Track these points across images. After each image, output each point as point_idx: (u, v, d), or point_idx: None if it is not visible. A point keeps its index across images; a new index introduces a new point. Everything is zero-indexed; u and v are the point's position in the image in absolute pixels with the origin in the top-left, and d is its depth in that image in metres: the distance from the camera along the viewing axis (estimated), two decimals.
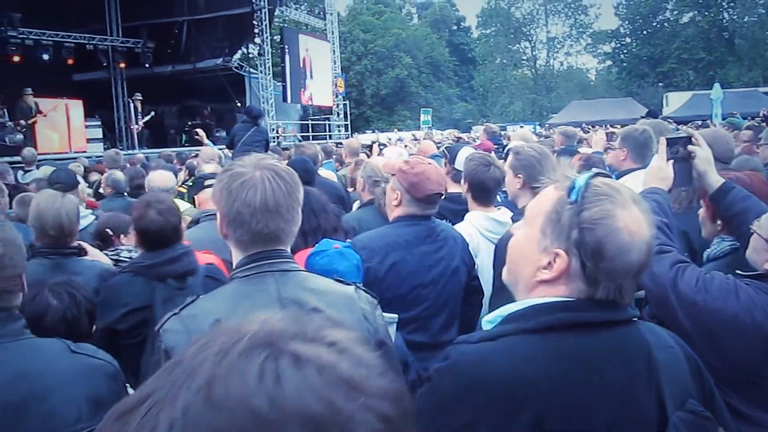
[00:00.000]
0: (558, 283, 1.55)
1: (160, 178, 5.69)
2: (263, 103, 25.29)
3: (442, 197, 3.48)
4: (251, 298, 1.93)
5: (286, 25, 29.36)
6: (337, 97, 31.00)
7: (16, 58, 20.80)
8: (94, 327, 2.67)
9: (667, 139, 2.73)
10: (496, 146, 8.17)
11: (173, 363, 0.68)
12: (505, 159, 3.98)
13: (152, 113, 21.84)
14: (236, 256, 2.04)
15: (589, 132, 17.62)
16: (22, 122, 17.36)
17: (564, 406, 1.43)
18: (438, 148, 8.33)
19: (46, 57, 21.61)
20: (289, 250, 2.06)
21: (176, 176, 7.44)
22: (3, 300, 1.80)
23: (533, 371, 1.45)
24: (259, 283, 1.96)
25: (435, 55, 64.37)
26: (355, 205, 5.41)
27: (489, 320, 1.63)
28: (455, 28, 74.66)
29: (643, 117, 12.31)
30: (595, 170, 1.61)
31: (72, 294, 2.55)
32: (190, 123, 23.76)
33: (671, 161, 2.68)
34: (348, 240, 4.14)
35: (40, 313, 2.35)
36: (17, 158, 12.05)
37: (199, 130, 12.75)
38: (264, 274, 1.97)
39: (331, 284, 2.11)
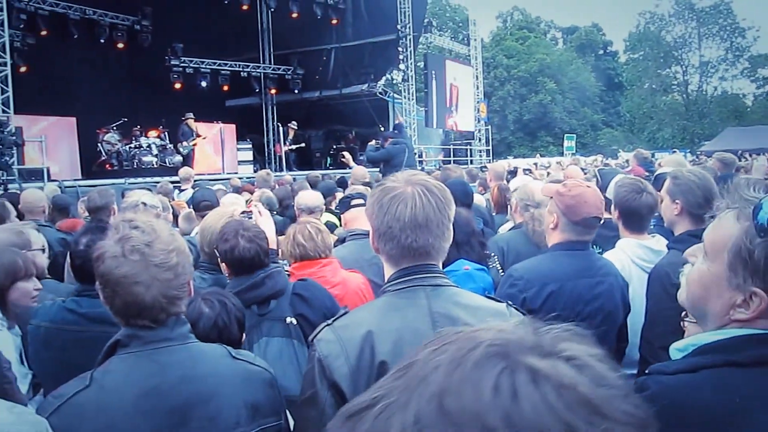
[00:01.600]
0: (756, 320, 1.45)
1: (309, 198, 5.86)
2: (406, 128, 25.60)
3: (601, 222, 3.34)
4: (402, 311, 1.94)
5: (430, 51, 29.64)
6: (479, 122, 30.96)
7: (178, 85, 22.26)
8: None
9: None
10: (647, 173, 7.87)
11: (404, 366, 0.67)
12: (655, 185, 3.79)
13: (302, 144, 22.66)
14: (387, 271, 2.05)
15: (746, 160, 16.63)
16: (185, 143, 18.46)
17: None
18: (584, 173, 8.12)
19: (204, 84, 23.00)
20: (440, 265, 2.05)
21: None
22: (174, 305, 1.89)
23: (750, 405, 1.36)
24: (410, 297, 1.96)
25: (580, 80, 63.10)
26: (506, 225, 5.37)
27: (679, 348, 1.54)
28: (602, 52, 72.97)
29: None
30: None
31: (223, 302, 2.65)
32: (335, 146, 24.48)
33: None
34: (496, 267, 4.11)
35: (193, 320, 2.44)
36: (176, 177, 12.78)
37: (346, 153, 13.16)
38: (415, 288, 1.97)
39: (482, 300, 2.09)
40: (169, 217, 5.54)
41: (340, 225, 5.30)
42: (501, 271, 4.12)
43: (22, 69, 17.90)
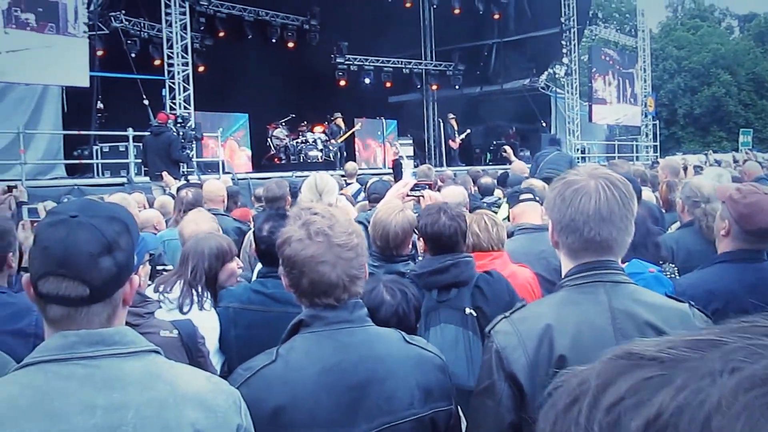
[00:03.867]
0: None
1: (452, 192, 5.91)
2: (568, 123, 25.04)
3: None
4: (581, 306, 1.92)
5: (594, 44, 28.76)
6: (646, 116, 29.69)
7: (342, 83, 22.96)
8: None
9: None
10: None
11: (658, 362, 0.55)
12: None
13: (468, 131, 22.72)
14: (566, 265, 2.02)
15: None
16: (333, 141, 19.24)
17: None
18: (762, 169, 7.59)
19: (367, 81, 23.56)
20: (619, 261, 2.00)
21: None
22: (355, 285, 1.97)
23: None
24: (589, 292, 1.93)
25: (759, 71, 58.74)
26: (675, 225, 5.15)
27: None
28: None
29: None
30: None
31: (403, 291, 2.72)
32: (495, 142, 24.30)
33: None
34: (669, 275, 3.92)
35: (375, 306, 2.52)
36: (340, 172, 13.21)
37: (507, 148, 13.14)
38: (595, 283, 1.93)
39: (663, 299, 2.02)
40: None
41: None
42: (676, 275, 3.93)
43: (200, 69, 19.06)
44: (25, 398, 1.40)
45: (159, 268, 3.77)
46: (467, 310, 1.94)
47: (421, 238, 3.42)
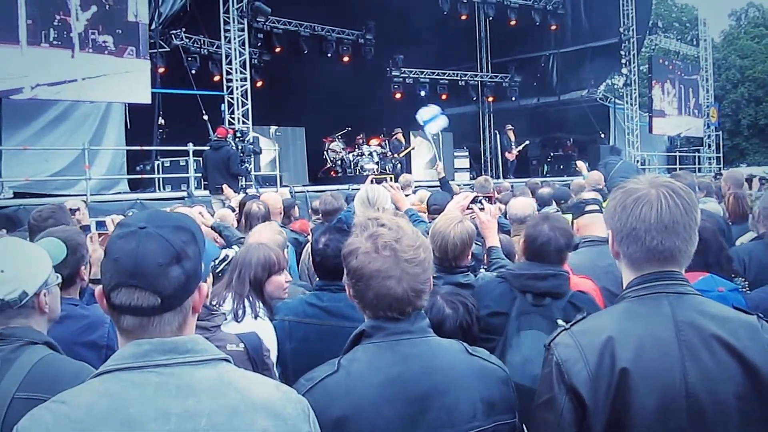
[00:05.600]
0: None
1: (520, 204, 5.87)
2: (628, 134, 24.67)
3: None
4: (644, 319, 1.88)
5: (655, 54, 28.26)
6: (708, 127, 29.02)
7: (398, 95, 23.04)
8: None
9: None
10: None
11: None
12: None
13: (527, 142, 22.55)
14: (627, 277, 1.99)
15: None
16: (396, 155, 19.42)
17: None
18: None
19: (423, 93, 23.60)
20: (683, 271, 1.96)
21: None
22: (420, 299, 1.98)
23: None
24: (652, 304, 1.90)
25: None
26: (746, 236, 5.01)
27: None
28: None
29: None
30: None
31: (464, 303, 2.71)
32: (552, 154, 24.07)
33: None
34: (744, 287, 3.80)
35: (438, 320, 2.52)
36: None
37: (579, 162, 13.18)
38: (658, 295, 1.90)
39: (731, 311, 1.96)
40: None
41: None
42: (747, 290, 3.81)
43: (258, 84, 19.34)
44: (102, 405, 1.43)
45: None
46: (559, 322, 1.93)
47: (524, 242, 3.44)
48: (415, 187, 12.55)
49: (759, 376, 1.80)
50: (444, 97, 24.55)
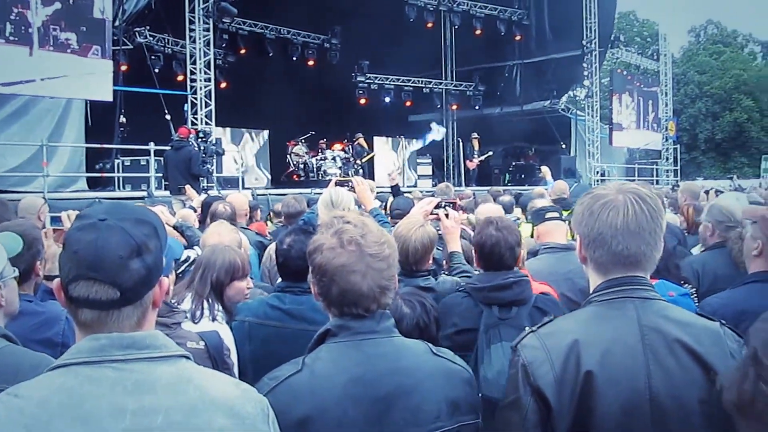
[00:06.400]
0: None
1: (488, 210, 5.91)
2: (588, 145, 24.98)
3: None
4: (610, 323, 1.90)
5: (616, 67, 28.71)
6: (666, 140, 29.55)
7: (363, 101, 23.08)
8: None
9: None
10: None
11: None
12: None
13: (490, 153, 22.71)
14: (594, 281, 2.01)
15: None
16: (359, 161, 19.50)
17: None
18: None
19: (387, 100, 23.68)
20: (648, 277, 1.97)
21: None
22: (385, 296, 1.96)
23: None
24: (618, 308, 1.92)
25: None
26: (696, 248, 5.09)
27: None
28: None
29: None
30: None
31: (422, 303, 2.70)
32: (514, 163, 24.28)
33: None
34: (692, 294, 3.87)
35: (396, 319, 2.50)
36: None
37: (544, 167, 13.46)
38: (624, 299, 1.92)
39: (694, 317, 2.00)
40: None
41: None
42: (696, 297, 3.88)
43: (222, 85, 19.21)
44: (57, 400, 1.39)
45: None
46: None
47: (475, 252, 3.42)
48: (377, 192, 12.56)
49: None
50: (408, 104, 24.71)
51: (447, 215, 4.01)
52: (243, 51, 20.65)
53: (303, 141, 20.02)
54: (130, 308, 1.50)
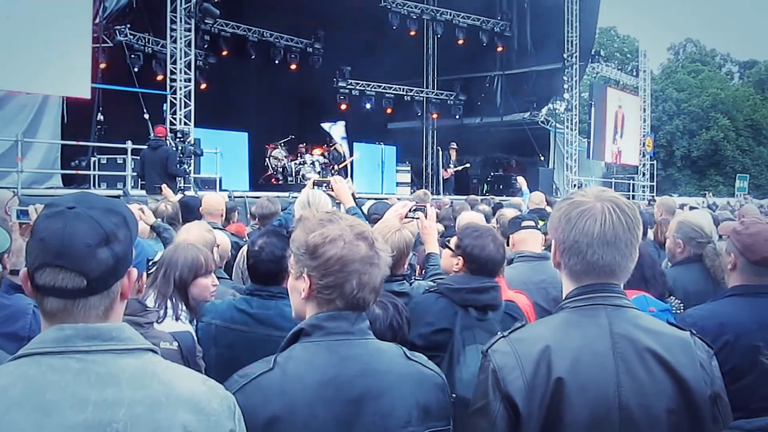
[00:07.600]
0: None
1: (469, 217, 5.90)
2: (566, 158, 25.12)
3: None
4: (581, 330, 1.89)
5: (596, 81, 28.96)
6: (644, 156, 29.82)
7: (343, 107, 23.06)
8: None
9: None
10: None
11: None
12: None
13: (467, 164, 22.79)
14: (567, 287, 2.01)
15: None
16: (336, 166, 19.40)
17: None
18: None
19: (368, 106, 23.69)
20: (622, 286, 1.97)
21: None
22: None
23: None
24: (590, 315, 1.91)
25: (757, 117, 59.01)
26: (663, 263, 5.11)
27: None
28: None
29: None
30: None
31: (395, 304, 2.69)
32: (492, 174, 24.36)
33: None
34: (675, 310, 3.88)
35: (369, 321, 2.50)
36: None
37: (520, 177, 13.59)
38: (596, 306, 1.92)
39: (665, 326, 2.00)
40: None
41: None
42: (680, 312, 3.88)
43: (203, 86, 19.08)
44: (17, 389, 1.37)
45: None
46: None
47: (460, 257, 3.40)
48: (357, 197, 12.55)
49: (690, 392, 1.83)
50: (389, 111, 24.73)
51: (426, 216, 4.01)
52: (225, 53, 20.52)
53: (282, 144, 19.95)
54: (97, 298, 1.48)
